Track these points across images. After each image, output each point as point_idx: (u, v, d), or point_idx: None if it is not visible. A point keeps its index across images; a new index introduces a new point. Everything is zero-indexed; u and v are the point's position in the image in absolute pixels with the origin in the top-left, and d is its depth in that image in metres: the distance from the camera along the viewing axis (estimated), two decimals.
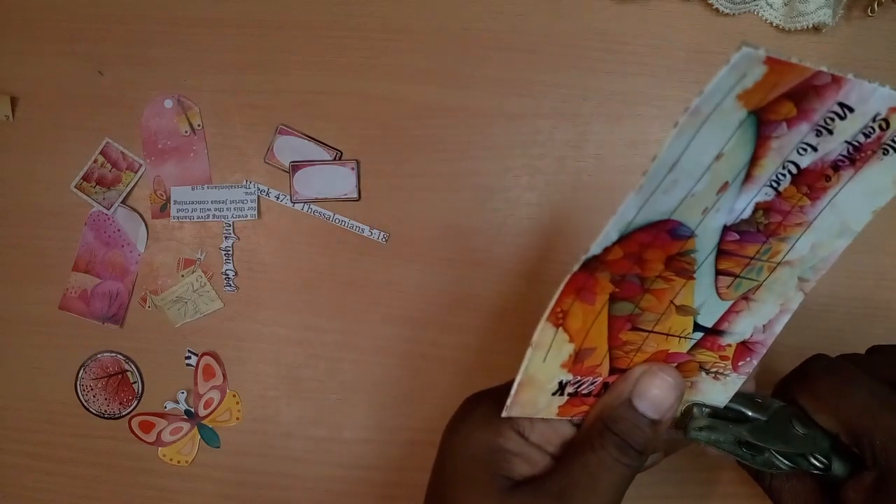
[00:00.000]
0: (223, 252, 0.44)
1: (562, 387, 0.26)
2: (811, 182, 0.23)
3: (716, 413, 0.28)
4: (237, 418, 0.44)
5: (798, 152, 0.23)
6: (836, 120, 0.22)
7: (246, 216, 0.44)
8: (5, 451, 0.45)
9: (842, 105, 0.22)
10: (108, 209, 0.44)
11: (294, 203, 0.43)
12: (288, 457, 0.44)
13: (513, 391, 0.25)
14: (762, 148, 0.22)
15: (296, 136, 0.43)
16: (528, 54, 0.42)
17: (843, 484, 0.27)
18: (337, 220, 0.43)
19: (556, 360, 0.25)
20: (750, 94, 0.20)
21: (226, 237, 0.44)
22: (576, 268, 0.23)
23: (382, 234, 0.43)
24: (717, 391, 0.28)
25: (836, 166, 0.23)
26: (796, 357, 0.41)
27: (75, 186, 0.44)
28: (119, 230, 0.44)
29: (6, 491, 0.45)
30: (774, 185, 0.23)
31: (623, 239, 0.22)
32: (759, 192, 0.23)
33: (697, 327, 0.26)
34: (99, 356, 0.45)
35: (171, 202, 0.44)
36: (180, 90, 0.44)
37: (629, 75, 0.41)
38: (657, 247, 0.23)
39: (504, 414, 0.26)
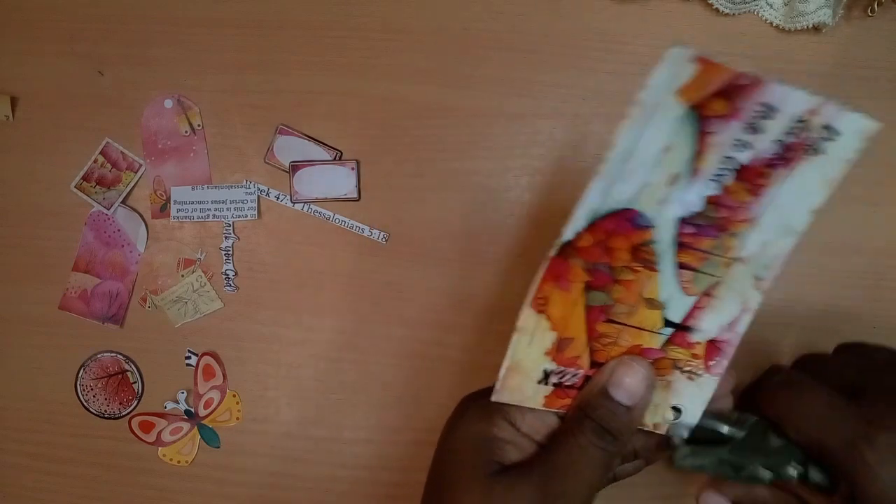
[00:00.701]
0: (223, 252, 0.44)
1: (546, 376, 0.28)
2: (752, 178, 0.26)
3: (697, 439, 0.29)
4: (237, 418, 0.44)
5: (736, 149, 0.25)
6: (764, 119, 0.25)
7: (246, 216, 0.44)
8: (5, 451, 0.46)
9: (767, 105, 0.25)
10: (108, 209, 0.44)
11: (294, 203, 0.43)
12: (288, 457, 0.44)
13: (501, 375, 0.28)
14: (703, 143, 0.25)
15: (296, 136, 0.43)
16: (528, 54, 0.42)
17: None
18: (337, 220, 0.43)
19: (539, 346, 0.28)
20: (687, 90, 0.24)
21: (226, 237, 0.44)
22: (552, 252, 0.26)
23: (382, 234, 0.43)
24: (693, 393, 0.29)
25: (771, 164, 0.26)
26: (797, 356, 0.41)
27: (75, 186, 0.44)
28: (119, 230, 0.44)
29: (6, 491, 0.45)
30: (720, 179, 0.26)
31: (591, 226, 0.26)
32: (707, 186, 0.26)
33: (667, 323, 0.28)
34: (99, 356, 0.45)
35: (171, 202, 0.44)
36: (180, 90, 0.44)
37: (629, 75, 0.41)
38: (621, 235, 0.26)
39: (493, 398, 0.28)
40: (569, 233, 0.26)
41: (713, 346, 0.29)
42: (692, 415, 0.29)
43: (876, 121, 0.26)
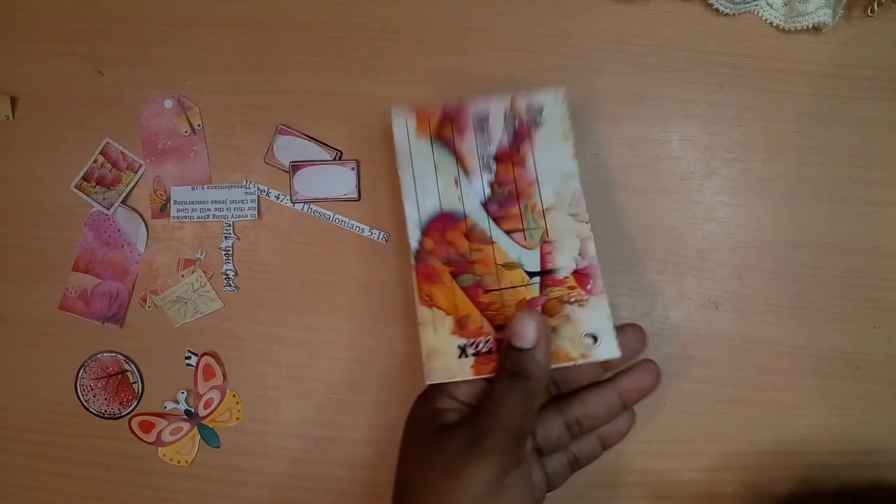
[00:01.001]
0: (223, 252, 0.44)
1: (463, 350, 0.35)
2: (510, 158, 0.36)
3: None
4: (237, 418, 0.44)
5: (485, 147, 0.36)
6: (486, 123, 0.37)
7: (246, 216, 0.44)
8: (5, 451, 0.45)
9: (481, 116, 0.37)
10: (108, 209, 0.44)
11: (294, 203, 0.43)
12: (288, 457, 0.44)
13: (424, 361, 0.34)
14: (457, 152, 0.36)
15: (296, 136, 0.43)
16: (528, 54, 0.42)
17: None
18: (337, 220, 0.43)
19: (444, 330, 0.35)
20: (421, 128, 0.37)
21: (226, 237, 0.44)
22: (412, 261, 0.36)
23: (382, 234, 0.43)
24: (591, 317, 0.34)
25: (514, 144, 0.36)
26: (799, 356, 0.41)
27: (75, 186, 0.44)
28: (119, 230, 0.44)
29: (6, 491, 0.45)
30: (490, 169, 0.36)
31: (425, 233, 0.36)
32: (485, 177, 0.36)
33: (532, 274, 0.35)
34: (99, 356, 0.45)
35: (171, 202, 0.44)
36: (180, 90, 0.44)
37: (629, 75, 0.41)
38: (450, 229, 0.36)
39: (427, 381, 0.34)
40: (413, 243, 0.36)
41: (580, 275, 0.35)
42: (608, 337, 0.34)
43: (557, 87, 0.36)
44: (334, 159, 0.43)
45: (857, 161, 0.41)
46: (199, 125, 0.44)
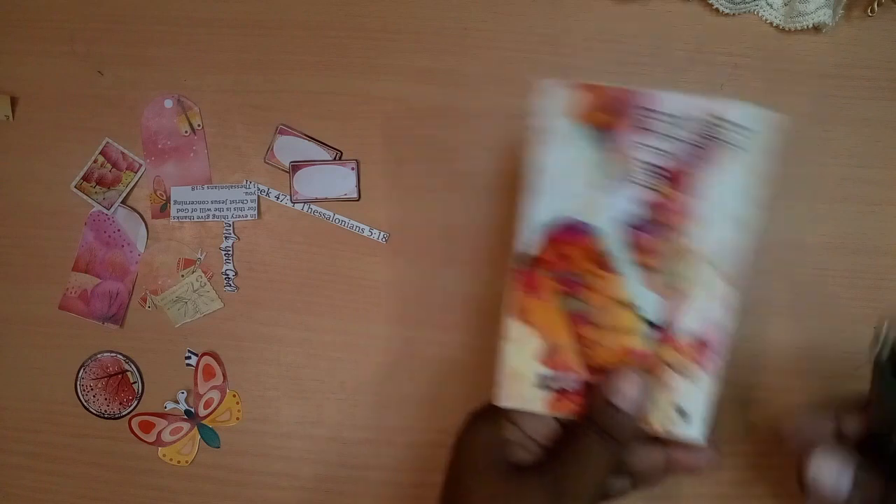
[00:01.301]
0: (223, 252, 0.44)
1: (543, 381, 0.30)
2: (680, 179, 0.29)
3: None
4: (237, 418, 0.44)
5: (656, 156, 0.29)
6: (669, 126, 0.28)
7: (246, 216, 0.44)
8: (5, 451, 0.45)
9: (666, 114, 0.28)
10: (108, 209, 0.44)
11: (294, 203, 0.43)
12: (288, 457, 0.44)
13: (500, 381, 0.30)
14: (615, 152, 0.29)
15: (296, 136, 0.43)
16: (528, 54, 0.42)
17: None
18: (337, 220, 0.43)
19: (529, 352, 0.30)
20: (575, 110, 0.28)
21: (226, 237, 0.44)
22: (516, 266, 0.30)
23: (382, 234, 0.43)
24: (690, 391, 0.30)
25: (690, 163, 0.29)
26: (799, 356, 0.41)
27: (75, 186, 0.44)
28: (119, 230, 0.44)
29: (6, 491, 0.45)
30: (648, 184, 0.29)
31: (543, 237, 0.30)
32: (640, 192, 0.29)
33: (648, 323, 0.30)
34: (99, 356, 0.45)
35: (171, 202, 0.44)
36: (180, 90, 0.44)
37: (629, 75, 0.41)
38: (571, 243, 0.30)
39: (498, 403, 0.30)
40: (525, 246, 0.30)
41: (700, 344, 0.29)
42: (698, 420, 0.29)
43: (773, 110, 0.28)
44: (334, 159, 0.43)
45: (857, 161, 0.41)
46: (199, 125, 0.44)
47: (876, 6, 0.39)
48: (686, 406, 0.30)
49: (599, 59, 0.42)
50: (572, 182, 0.29)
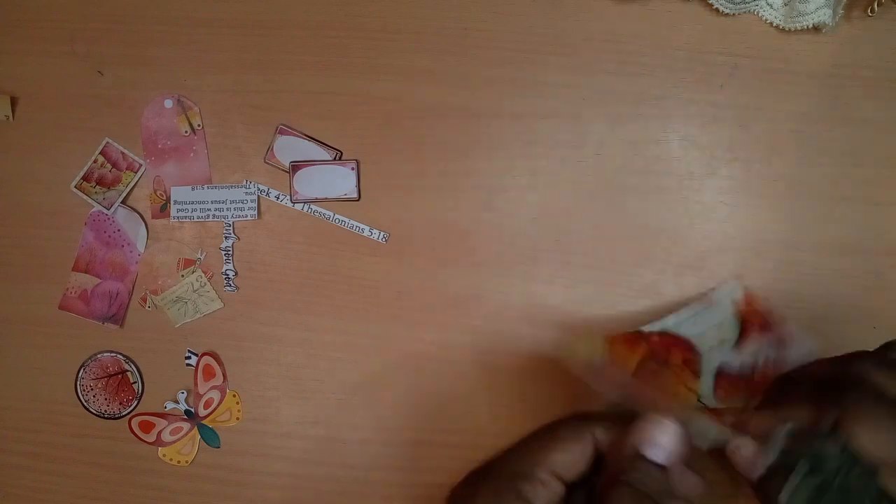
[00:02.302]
0: (223, 252, 0.44)
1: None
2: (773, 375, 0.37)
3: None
4: (237, 418, 0.44)
5: (772, 352, 0.38)
6: (786, 347, 0.38)
7: (246, 216, 0.44)
8: (5, 451, 0.46)
9: (785, 336, 0.38)
10: (108, 209, 0.44)
11: (294, 203, 0.43)
12: (288, 457, 0.44)
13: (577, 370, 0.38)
14: (747, 336, 0.39)
15: (296, 136, 0.43)
16: (529, 54, 0.42)
17: None
18: (337, 220, 0.43)
19: (596, 343, 0.38)
20: (736, 304, 0.39)
21: (226, 237, 0.44)
22: (631, 331, 0.38)
23: (382, 234, 0.43)
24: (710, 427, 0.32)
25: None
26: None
27: (75, 186, 0.44)
28: (119, 230, 0.44)
29: (6, 491, 0.45)
30: (758, 361, 0.38)
31: (661, 334, 0.39)
32: (746, 358, 0.38)
33: (701, 404, 0.38)
34: (99, 356, 0.45)
35: (171, 202, 0.44)
36: (180, 90, 0.44)
37: (629, 75, 0.41)
38: (678, 350, 0.39)
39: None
40: (646, 328, 0.39)
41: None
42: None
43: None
44: (334, 159, 0.43)
45: (857, 161, 0.41)
46: (199, 125, 0.44)
47: (876, 6, 0.39)
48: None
49: (599, 59, 0.42)
50: (707, 330, 0.39)
